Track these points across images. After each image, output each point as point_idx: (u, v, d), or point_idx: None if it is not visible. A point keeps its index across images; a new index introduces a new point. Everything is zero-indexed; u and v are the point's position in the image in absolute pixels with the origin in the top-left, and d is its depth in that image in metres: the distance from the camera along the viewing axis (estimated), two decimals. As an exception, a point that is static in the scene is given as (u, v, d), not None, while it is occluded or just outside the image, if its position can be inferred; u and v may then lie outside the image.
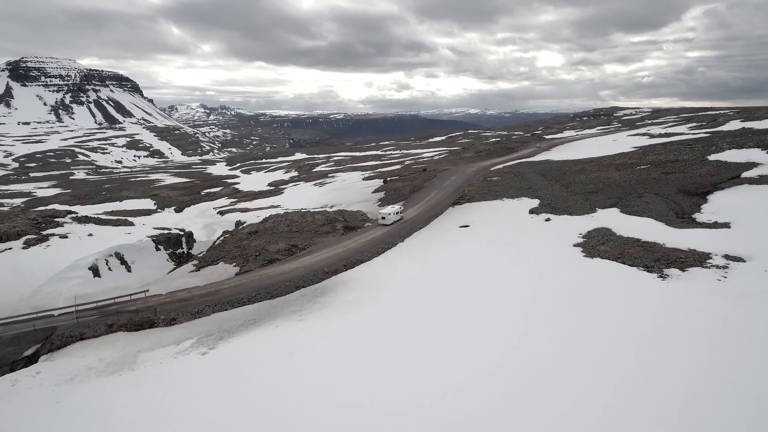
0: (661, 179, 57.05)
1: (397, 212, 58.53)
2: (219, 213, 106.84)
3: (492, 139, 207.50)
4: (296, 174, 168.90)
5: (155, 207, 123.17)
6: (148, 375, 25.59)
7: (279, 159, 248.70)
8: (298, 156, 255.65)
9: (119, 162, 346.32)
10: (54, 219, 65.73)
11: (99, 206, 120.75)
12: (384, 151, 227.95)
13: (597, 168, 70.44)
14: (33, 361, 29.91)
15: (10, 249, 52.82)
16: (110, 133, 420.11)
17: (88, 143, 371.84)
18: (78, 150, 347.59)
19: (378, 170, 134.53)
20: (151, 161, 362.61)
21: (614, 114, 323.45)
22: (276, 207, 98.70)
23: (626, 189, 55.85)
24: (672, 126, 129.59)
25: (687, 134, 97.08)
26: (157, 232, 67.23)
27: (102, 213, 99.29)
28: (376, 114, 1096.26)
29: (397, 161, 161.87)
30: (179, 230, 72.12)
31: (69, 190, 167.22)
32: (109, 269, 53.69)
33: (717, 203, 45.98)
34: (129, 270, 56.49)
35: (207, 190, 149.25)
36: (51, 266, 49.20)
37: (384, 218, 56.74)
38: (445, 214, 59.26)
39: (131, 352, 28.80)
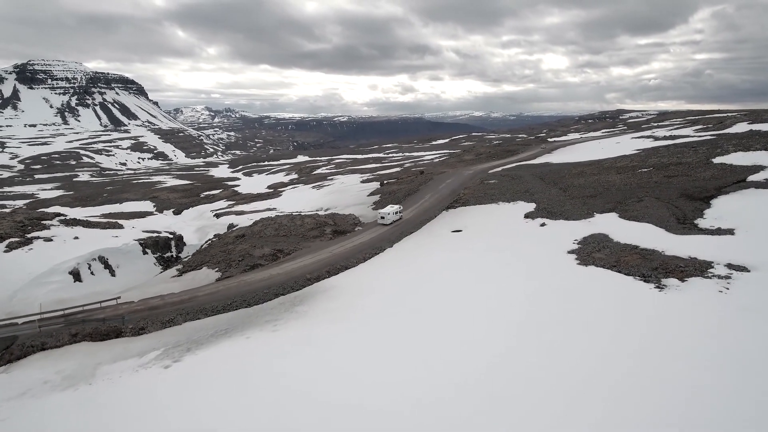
0: (663, 183, 54.90)
1: (396, 212, 58.09)
2: (215, 216, 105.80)
3: (495, 142, 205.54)
4: (296, 176, 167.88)
5: (154, 209, 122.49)
6: (104, 391, 23.90)
7: (281, 161, 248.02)
8: (301, 158, 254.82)
9: (123, 164, 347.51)
10: (41, 222, 64.51)
11: (98, 208, 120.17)
12: (386, 154, 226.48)
13: (597, 171, 68.32)
14: (-10, 373, 28.38)
15: (-8, 252, 51.54)
16: (115, 136, 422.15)
17: (93, 145, 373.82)
18: (83, 152, 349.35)
19: (377, 173, 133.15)
20: (155, 163, 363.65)
21: (620, 117, 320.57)
22: (272, 210, 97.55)
23: (626, 193, 53.76)
24: (677, 128, 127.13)
25: (692, 137, 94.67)
26: (146, 236, 65.78)
27: (99, 215, 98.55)
28: (380, 117, 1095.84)
29: (398, 164, 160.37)
30: (169, 233, 70.69)
31: (71, 192, 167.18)
32: (92, 273, 52.21)
33: (721, 208, 43.79)
34: (113, 274, 55.01)
35: (207, 193, 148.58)
36: (30, 270, 47.80)
37: (383, 218, 56.38)
38: (438, 218, 57.39)
39: (91, 365, 27.14)
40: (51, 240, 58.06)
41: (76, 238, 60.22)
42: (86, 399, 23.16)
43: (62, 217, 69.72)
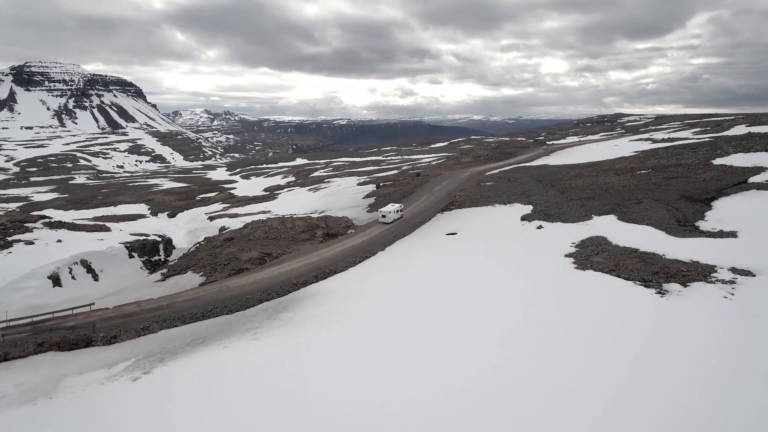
0: (663, 184, 53.39)
1: (398, 210, 58.00)
2: (208, 218, 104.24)
3: (493, 145, 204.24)
4: (293, 179, 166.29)
5: (148, 212, 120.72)
6: (64, 406, 22.21)
7: (279, 164, 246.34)
8: (299, 161, 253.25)
9: (120, 167, 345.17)
10: (24, 224, 62.78)
11: (92, 211, 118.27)
12: (384, 157, 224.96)
13: (595, 173, 66.84)
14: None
15: (-32, 257, 49.77)
16: (112, 138, 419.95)
17: (90, 148, 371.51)
18: (79, 155, 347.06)
19: (374, 175, 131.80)
20: (153, 166, 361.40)
21: (618, 120, 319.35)
22: (266, 212, 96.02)
23: (625, 195, 52.22)
24: (675, 131, 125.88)
25: (691, 139, 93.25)
26: (133, 239, 64.10)
27: (92, 218, 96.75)
28: (380, 120, 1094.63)
29: (396, 167, 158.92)
30: (158, 236, 69.00)
31: (66, 195, 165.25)
32: (73, 278, 50.51)
33: (722, 210, 42.26)
34: (96, 279, 53.30)
35: (202, 196, 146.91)
36: (7, 275, 46.03)
37: (384, 216, 56.33)
38: (433, 221, 55.83)
39: (55, 377, 25.45)
40: (32, 243, 56.33)
41: (59, 242, 58.49)
42: (43, 415, 21.47)
43: (46, 220, 67.96)
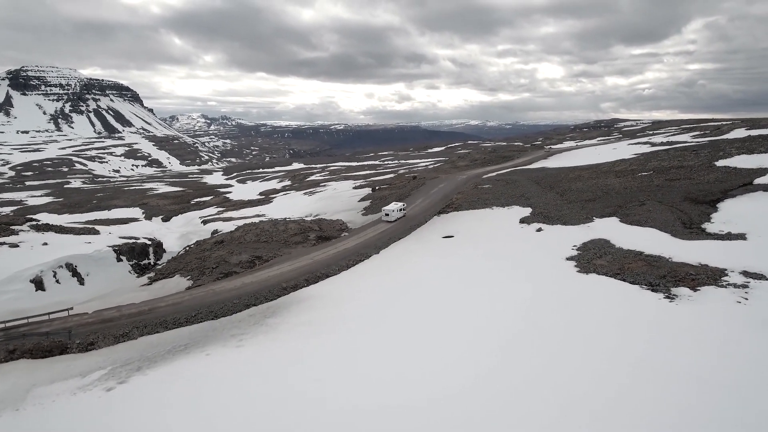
0: (665, 186, 52.12)
1: (401, 209, 58.37)
2: (202, 222, 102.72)
3: (490, 149, 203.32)
4: (289, 183, 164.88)
5: (143, 216, 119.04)
6: (30, 418, 20.53)
7: (276, 169, 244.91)
8: (296, 166, 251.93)
9: (116, 171, 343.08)
10: (10, 227, 61.01)
11: (85, 215, 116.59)
12: (381, 161, 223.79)
13: (595, 175, 65.58)
14: None
15: (-51, 260, 47.97)
16: (109, 143, 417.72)
17: (86, 152, 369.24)
18: (75, 159, 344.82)
19: (371, 179, 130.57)
20: (149, 170, 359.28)
21: (615, 125, 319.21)
22: (261, 216, 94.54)
23: (626, 197, 50.90)
24: (674, 135, 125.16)
25: (690, 142, 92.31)
26: (122, 242, 62.28)
27: (84, 221, 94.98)
28: (377, 125, 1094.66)
29: (392, 171, 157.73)
30: (148, 239, 67.23)
31: (61, 199, 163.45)
32: (57, 282, 48.70)
33: (729, 212, 40.93)
34: (81, 283, 51.47)
35: (197, 200, 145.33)
36: (-13, 278, 44.31)
37: (388, 215, 56.82)
38: (429, 224, 54.32)
39: (24, 386, 23.74)
40: (17, 246, 54.52)
41: (45, 244, 56.68)
42: (6, 428, 19.79)
43: (33, 223, 66.17)
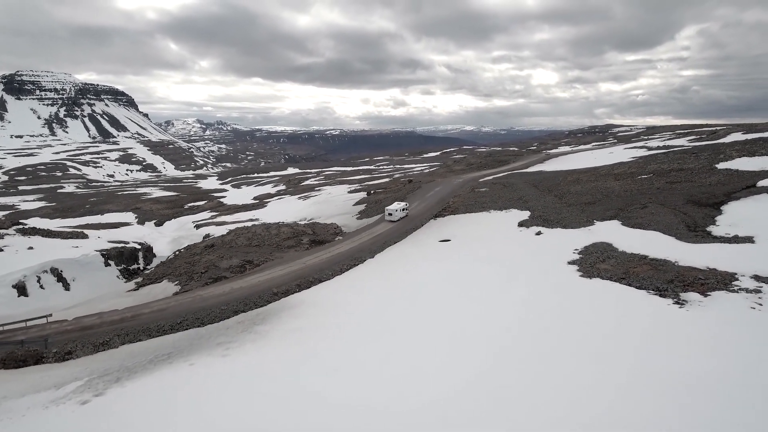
0: (666, 189, 51.10)
1: (403, 209, 58.91)
2: (195, 227, 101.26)
3: (486, 154, 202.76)
4: (284, 188, 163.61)
5: (135, 221, 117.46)
6: (-5, 435, 18.98)
7: (271, 173, 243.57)
8: (291, 171, 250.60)
9: (111, 176, 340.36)
10: (-6, 231, 59.22)
11: (77, 219, 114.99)
12: (377, 166, 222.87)
13: (594, 178, 64.58)
14: None
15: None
16: (103, 147, 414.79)
17: (80, 157, 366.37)
18: (69, 164, 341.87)
19: (366, 183, 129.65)
20: (144, 175, 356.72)
21: (609, 131, 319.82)
22: (255, 220, 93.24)
23: (627, 199, 49.83)
24: (670, 139, 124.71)
25: (687, 146, 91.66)
26: (110, 246, 60.57)
27: (74, 226, 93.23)
28: (372, 130, 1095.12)
29: (388, 175, 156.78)
30: (137, 243, 65.54)
31: (54, 204, 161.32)
32: (41, 287, 46.95)
33: (734, 214, 39.88)
34: (67, 288, 49.71)
35: (191, 204, 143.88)
36: (-33, 284, 42.60)
37: (391, 214, 57.44)
38: (425, 227, 53.01)
39: (-7, 399, 22.14)
40: (1, 250, 52.82)
41: (31, 249, 54.94)
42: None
43: (19, 226, 64.40)
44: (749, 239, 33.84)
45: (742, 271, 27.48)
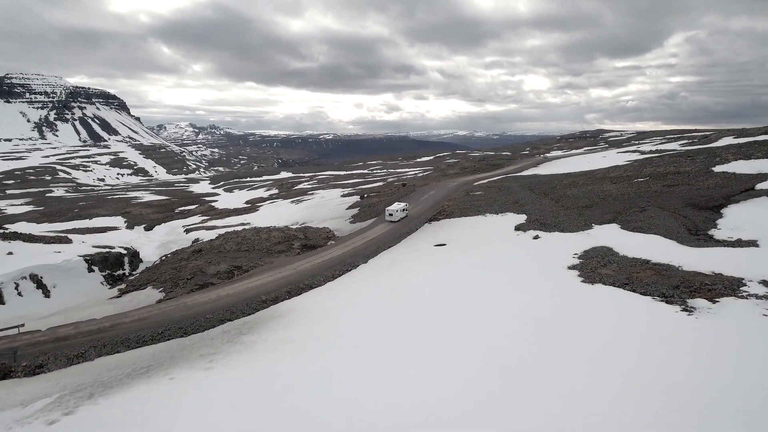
0: (664, 192, 50.29)
1: (403, 209, 59.03)
2: (185, 231, 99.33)
3: (479, 158, 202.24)
4: (276, 192, 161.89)
5: (124, 225, 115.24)
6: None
7: (264, 177, 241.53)
8: (284, 175, 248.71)
9: (101, 180, 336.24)
10: (-27, 236, 57.16)
11: (65, 224, 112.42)
12: (370, 170, 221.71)
13: (590, 181, 63.75)
14: None
15: None
16: (94, 151, 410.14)
17: (71, 161, 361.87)
18: (59, 167, 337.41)
19: (359, 187, 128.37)
20: (135, 179, 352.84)
21: (600, 136, 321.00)
22: (246, 224, 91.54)
23: (625, 203, 48.93)
24: (661, 144, 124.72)
25: (679, 151, 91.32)
26: (94, 251, 58.71)
27: (61, 230, 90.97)
28: (366, 135, 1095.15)
29: (381, 179, 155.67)
30: (123, 248, 63.65)
31: (42, 208, 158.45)
32: (19, 294, 45.11)
33: (735, 218, 39.01)
34: (47, 295, 47.85)
35: (182, 208, 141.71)
36: (-60, 292, 40.66)
37: (391, 215, 57.41)
38: (420, 231, 51.74)
39: (-47, 419, 20.43)
40: (-22, 256, 50.81)
41: (10, 254, 52.97)
42: None
43: (1, 231, 62.28)
44: (753, 243, 32.90)
45: (750, 276, 26.43)
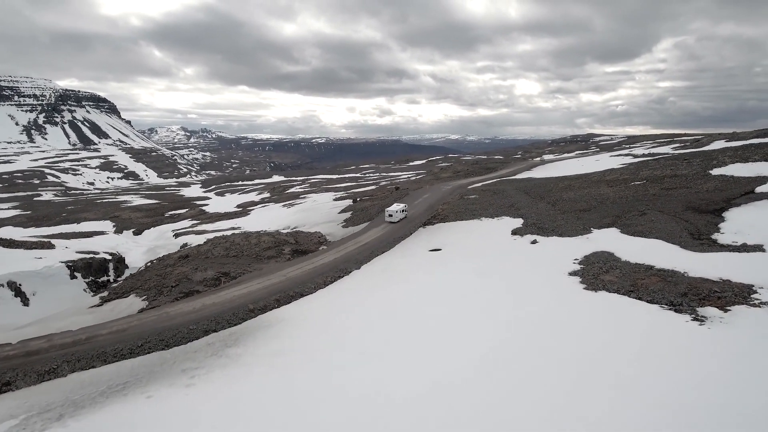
0: (663, 195, 49.42)
1: (402, 210, 59.44)
2: (174, 235, 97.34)
3: (472, 162, 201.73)
4: (268, 195, 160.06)
5: (113, 229, 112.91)
6: None
7: (256, 181, 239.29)
8: (276, 178, 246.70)
9: (91, 183, 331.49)
10: (-51, 241, 54.93)
11: (52, 228, 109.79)
12: (363, 174, 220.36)
13: (586, 184, 62.86)
14: None
15: None
16: (84, 155, 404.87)
17: (60, 164, 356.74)
18: (48, 171, 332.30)
19: (352, 191, 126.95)
20: (125, 183, 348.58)
21: (591, 140, 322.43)
22: (236, 229, 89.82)
23: (623, 206, 47.97)
24: (654, 147, 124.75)
25: (672, 154, 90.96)
26: (78, 257, 56.63)
27: (47, 235, 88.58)
28: (358, 139, 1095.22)
29: (374, 182, 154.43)
30: (108, 254, 61.60)
31: (29, 212, 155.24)
32: (-5, 303, 43.10)
33: (738, 222, 38.07)
34: (26, 303, 45.80)
35: (172, 212, 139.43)
36: None
37: (391, 215, 57.69)
38: (414, 236, 50.39)
39: None
40: (-47, 263, 48.64)
41: (-12, 261, 50.85)
42: None
43: (-21, 237, 60.03)
44: (759, 248, 31.88)
45: (759, 283, 25.32)
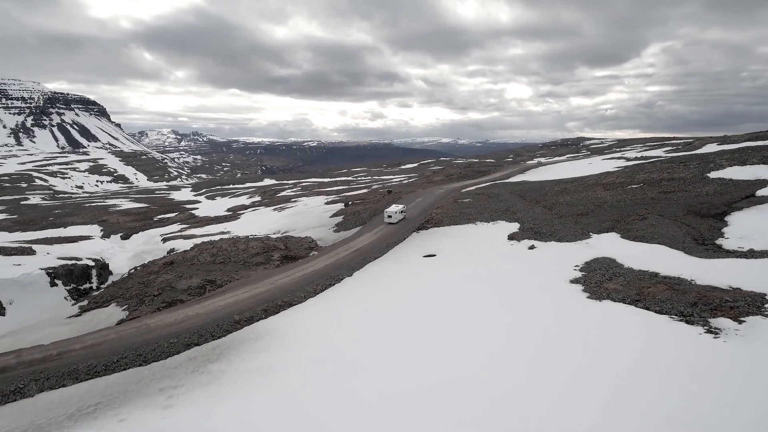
0: (661, 199, 48.47)
1: (401, 211, 59.59)
2: (162, 240, 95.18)
3: (464, 165, 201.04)
4: (259, 199, 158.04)
5: (100, 234, 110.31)
6: None
7: (247, 184, 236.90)
8: (267, 182, 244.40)
9: (80, 187, 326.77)
10: None
11: (37, 233, 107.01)
12: (355, 177, 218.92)
13: (582, 188, 61.86)
14: None
15: None
16: (73, 158, 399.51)
17: (48, 167, 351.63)
18: (36, 174, 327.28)
19: (344, 194, 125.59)
20: (115, 186, 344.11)
21: (581, 143, 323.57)
22: (226, 233, 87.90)
23: (622, 210, 46.92)
24: (645, 151, 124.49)
25: (664, 157, 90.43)
26: (59, 263, 54.50)
27: (31, 240, 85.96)
28: (350, 142, 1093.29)
29: (366, 186, 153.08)
30: (91, 260, 59.44)
31: (15, 216, 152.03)
32: (-32, 314, 40.96)
33: (742, 226, 37.08)
34: (2, 313, 43.69)
35: (161, 216, 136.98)
36: None
37: (390, 217, 57.75)
38: (407, 241, 48.92)
39: None
40: (-76, 271, 46.39)
41: (-38, 268, 48.60)
42: None
43: (-46, 243, 57.62)
44: (766, 254, 30.83)
45: (772, 292, 24.15)
